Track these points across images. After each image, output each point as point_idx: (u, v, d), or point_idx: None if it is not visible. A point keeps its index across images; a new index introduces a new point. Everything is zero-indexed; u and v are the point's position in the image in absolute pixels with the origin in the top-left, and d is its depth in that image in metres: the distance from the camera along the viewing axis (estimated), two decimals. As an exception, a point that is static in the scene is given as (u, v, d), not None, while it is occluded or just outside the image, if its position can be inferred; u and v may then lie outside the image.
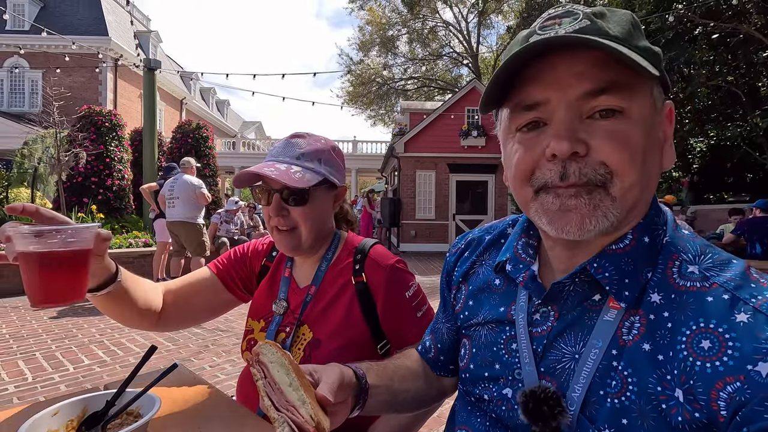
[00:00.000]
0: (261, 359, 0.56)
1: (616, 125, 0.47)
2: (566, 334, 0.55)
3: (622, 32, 0.48)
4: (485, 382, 0.62)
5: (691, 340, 0.45)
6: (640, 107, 0.48)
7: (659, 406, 0.45)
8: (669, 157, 0.53)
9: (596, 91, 0.46)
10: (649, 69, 0.44)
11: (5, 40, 18.59)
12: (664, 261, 0.52)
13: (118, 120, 10.68)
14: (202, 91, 33.03)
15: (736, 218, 7.20)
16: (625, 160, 0.47)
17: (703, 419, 0.42)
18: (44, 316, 4.52)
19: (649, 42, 0.51)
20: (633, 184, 0.48)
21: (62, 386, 2.77)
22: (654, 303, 0.49)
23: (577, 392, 0.51)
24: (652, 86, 0.50)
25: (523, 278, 0.60)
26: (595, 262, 0.52)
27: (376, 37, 24.75)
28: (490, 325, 0.65)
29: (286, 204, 0.99)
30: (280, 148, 1.03)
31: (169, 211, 5.50)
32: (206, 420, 0.77)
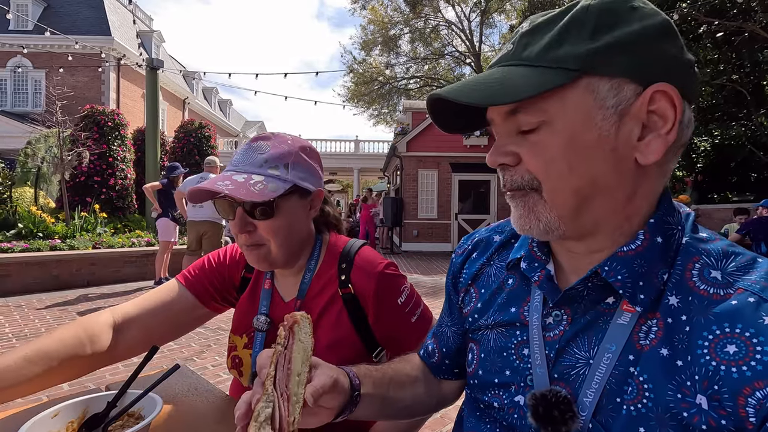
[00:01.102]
0: (294, 329, 0.53)
1: (536, 137, 0.50)
2: (579, 338, 0.53)
3: (542, 46, 0.48)
4: (495, 389, 0.61)
5: (714, 345, 0.43)
6: (562, 115, 0.48)
7: (679, 414, 0.43)
8: (651, 150, 0.49)
9: (511, 111, 0.51)
10: (525, 92, 0.46)
11: (9, 39, 18.68)
12: (683, 263, 0.50)
13: (121, 119, 10.71)
14: (204, 90, 33.10)
15: (740, 218, 7.16)
16: (542, 167, 0.50)
17: (730, 426, 0.41)
18: (47, 315, 4.53)
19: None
20: (556, 188, 0.50)
21: (65, 386, 2.77)
22: (672, 306, 0.48)
23: (589, 397, 0.50)
24: (591, 85, 0.47)
25: (539, 277, 0.59)
26: (606, 265, 0.51)
27: (379, 37, 24.74)
28: (499, 328, 0.63)
29: (251, 218, 0.88)
30: (240, 155, 0.91)
31: (196, 210, 5.49)
32: (208, 421, 0.76)
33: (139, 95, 21.99)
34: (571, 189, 0.50)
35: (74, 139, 9.30)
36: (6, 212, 7.44)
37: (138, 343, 0.94)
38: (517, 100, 0.47)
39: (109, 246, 6.78)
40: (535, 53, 0.49)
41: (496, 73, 0.50)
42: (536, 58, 0.49)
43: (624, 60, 0.47)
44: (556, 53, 0.48)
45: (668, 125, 0.48)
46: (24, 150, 12.14)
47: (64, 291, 5.77)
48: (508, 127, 0.53)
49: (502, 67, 0.51)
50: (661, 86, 0.47)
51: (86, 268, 6.25)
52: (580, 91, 0.48)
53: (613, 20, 0.47)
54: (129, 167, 10.76)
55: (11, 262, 5.55)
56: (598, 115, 0.48)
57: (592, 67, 0.47)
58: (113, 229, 8.35)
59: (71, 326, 0.87)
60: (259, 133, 0.96)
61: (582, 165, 0.49)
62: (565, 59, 0.47)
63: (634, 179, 0.50)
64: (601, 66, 0.47)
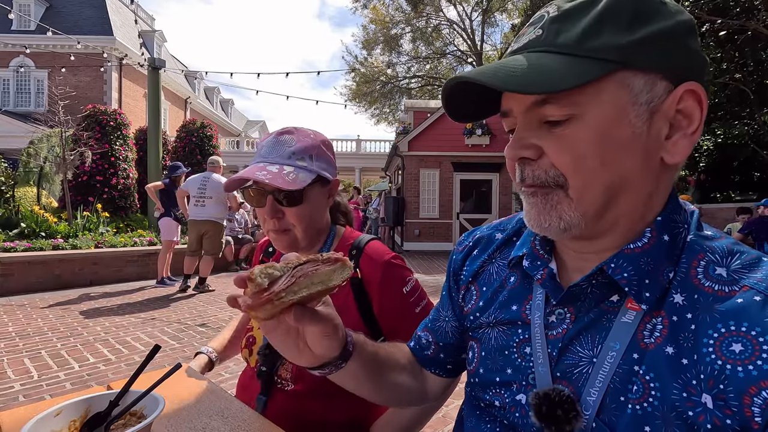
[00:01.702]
0: (336, 265, 0.53)
1: (565, 129, 0.48)
2: (582, 336, 0.53)
3: (579, 33, 0.46)
4: (496, 388, 0.60)
5: (720, 344, 0.43)
6: (595, 109, 0.47)
7: (684, 413, 0.43)
8: (678, 150, 0.49)
9: (539, 101, 0.48)
10: (564, 83, 0.44)
11: (11, 39, 18.74)
12: (688, 260, 0.49)
13: (123, 119, 10.74)
14: (206, 90, 33.14)
15: (743, 217, 7.14)
16: (571, 162, 0.48)
17: (735, 426, 0.40)
18: (50, 314, 4.55)
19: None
20: (586, 185, 0.48)
21: (67, 384, 2.78)
22: (677, 304, 0.47)
23: (593, 396, 0.49)
24: (626, 79, 0.46)
25: (542, 276, 0.58)
26: (612, 263, 0.50)
27: (380, 36, 24.72)
28: (501, 326, 0.62)
29: (280, 205, 0.96)
30: (269, 148, 0.99)
31: (198, 210, 5.50)
32: (210, 419, 0.76)
33: (141, 95, 22.02)
34: (602, 186, 0.48)
35: (76, 139, 9.33)
36: (9, 212, 7.47)
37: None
38: (558, 90, 0.45)
39: (112, 245, 6.80)
40: (572, 41, 0.46)
41: (528, 59, 0.47)
42: (573, 47, 0.46)
43: (659, 55, 0.46)
44: (595, 42, 0.46)
45: (694, 125, 0.48)
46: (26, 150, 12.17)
47: (67, 290, 5.79)
48: (530, 119, 0.50)
49: (532, 53, 0.48)
50: (691, 85, 0.47)
51: (89, 267, 6.27)
52: (616, 85, 0.46)
53: (648, 13, 0.46)
54: (131, 167, 10.78)
55: (14, 262, 5.57)
56: (632, 111, 0.47)
57: (631, 60, 0.46)
58: (115, 229, 8.37)
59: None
60: (283, 128, 1.03)
61: (614, 162, 0.47)
62: (606, 50, 0.45)
63: (657, 178, 0.50)
64: (639, 60, 0.46)
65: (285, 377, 0.96)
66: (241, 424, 0.75)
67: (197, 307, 5.01)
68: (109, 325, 4.18)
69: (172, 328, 4.13)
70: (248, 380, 1.04)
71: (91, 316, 4.49)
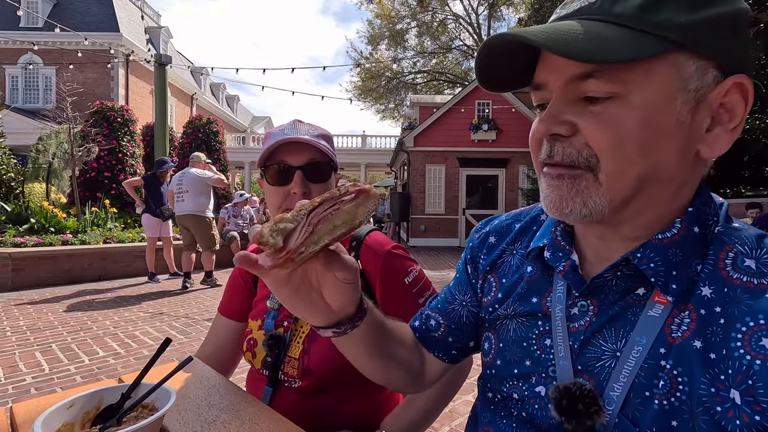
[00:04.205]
0: (360, 197, 0.47)
1: (606, 108, 0.45)
2: (606, 330, 0.51)
3: (638, 4, 0.43)
4: (514, 380, 0.59)
5: (749, 338, 0.41)
6: (642, 89, 0.44)
7: (712, 408, 0.42)
8: (718, 144, 0.47)
9: (583, 74, 0.45)
10: (621, 55, 0.41)
11: (19, 37, 18.88)
12: (716, 252, 0.48)
13: (130, 115, 10.79)
14: (212, 86, 33.24)
15: (752, 212, 7.04)
16: (608, 145, 0.45)
17: (765, 423, 0.39)
18: (60, 308, 4.60)
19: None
20: (619, 171, 0.45)
21: (78, 377, 2.82)
22: (705, 297, 0.46)
23: (616, 391, 0.48)
24: (678, 62, 0.43)
25: (564, 268, 0.56)
26: (639, 252, 0.48)
27: (386, 31, 24.61)
28: (520, 318, 0.61)
29: (308, 181, 0.97)
30: (290, 129, 1.01)
31: (179, 205, 5.54)
32: (221, 412, 0.76)
33: (147, 91, 22.13)
34: (635, 174, 0.45)
35: (84, 135, 9.40)
36: (19, 207, 7.55)
37: (229, 370, 1.16)
38: (615, 61, 0.42)
39: (120, 241, 6.86)
40: (629, 12, 0.43)
41: (582, 26, 0.43)
42: (632, 18, 0.43)
43: (716, 41, 0.43)
44: (655, 18, 0.42)
45: (736, 120, 0.46)
46: (35, 146, 12.30)
47: (76, 285, 5.86)
48: (568, 93, 0.47)
49: (585, 20, 0.45)
50: (740, 78, 0.45)
51: (97, 262, 6.33)
52: (668, 67, 0.43)
53: None
54: (138, 162, 10.85)
55: (24, 257, 5.63)
56: (680, 97, 0.44)
57: (689, 41, 0.43)
58: (123, 224, 8.44)
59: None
60: (296, 119, 1.06)
61: (652, 150, 0.45)
62: (667, 26, 0.42)
63: (690, 170, 0.48)
64: (699, 43, 0.43)
65: (291, 374, 0.96)
66: (252, 417, 0.75)
67: (204, 302, 5.04)
68: (118, 319, 4.22)
69: (180, 322, 4.16)
70: (254, 381, 1.04)
71: (100, 311, 4.53)
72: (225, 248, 7.29)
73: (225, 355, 1.13)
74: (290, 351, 0.97)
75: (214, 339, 1.14)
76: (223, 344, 1.13)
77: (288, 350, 0.98)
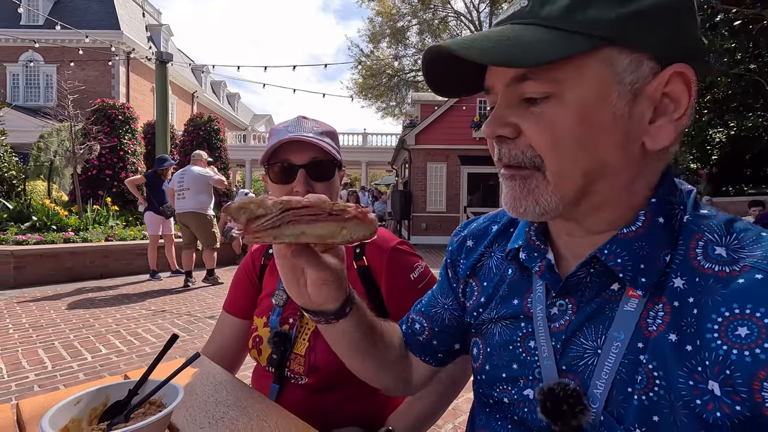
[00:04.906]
0: (351, 220, 0.48)
1: (544, 108, 0.46)
2: (586, 327, 0.51)
3: (565, 5, 0.43)
4: (504, 384, 0.59)
5: (725, 328, 0.40)
6: (576, 87, 0.44)
7: (692, 402, 0.41)
8: (661, 136, 0.45)
9: (520, 77, 0.46)
10: (545, 56, 0.41)
11: (20, 34, 18.86)
12: (686, 242, 0.47)
13: (131, 113, 10.80)
14: (213, 84, 33.21)
15: (755, 210, 7.03)
16: (548, 144, 0.46)
17: (746, 412, 0.38)
18: (62, 306, 4.61)
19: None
20: (563, 170, 0.46)
21: (81, 375, 2.82)
22: (677, 288, 0.45)
23: (599, 389, 0.48)
24: (610, 57, 0.43)
25: (540, 268, 0.56)
26: (606, 249, 0.48)
27: (386, 29, 24.55)
28: (504, 321, 0.61)
29: (311, 180, 0.97)
30: (294, 126, 1.00)
31: (179, 203, 5.54)
32: (228, 409, 0.76)
33: (148, 89, 22.12)
34: (580, 170, 0.46)
35: (86, 133, 9.40)
36: (20, 205, 7.55)
37: (234, 368, 1.16)
38: (538, 64, 0.42)
39: (121, 238, 6.87)
40: (557, 13, 0.44)
41: (510, 31, 0.45)
42: (558, 19, 0.43)
43: (649, 33, 0.43)
44: (581, 16, 0.43)
45: (681, 110, 0.45)
46: (37, 144, 12.30)
47: (79, 282, 5.86)
48: (510, 95, 0.48)
49: (516, 24, 0.46)
50: (680, 67, 0.44)
51: (99, 260, 6.34)
52: (599, 63, 0.43)
53: None
54: (139, 160, 10.86)
55: (27, 254, 5.64)
56: (614, 91, 0.44)
57: (618, 36, 0.43)
58: (125, 222, 8.45)
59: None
60: (301, 115, 1.07)
61: (592, 145, 0.45)
62: (593, 24, 0.42)
63: (639, 163, 0.47)
64: (626, 36, 0.43)
65: (298, 371, 0.96)
66: (259, 414, 0.74)
67: (206, 300, 5.05)
68: (120, 316, 4.23)
69: (182, 320, 4.16)
70: (260, 378, 1.04)
71: (102, 308, 4.54)
72: (227, 246, 7.29)
73: (231, 353, 1.12)
74: (296, 348, 0.97)
75: (220, 336, 1.14)
76: (229, 342, 1.12)
77: (294, 347, 0.97)
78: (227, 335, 1.13)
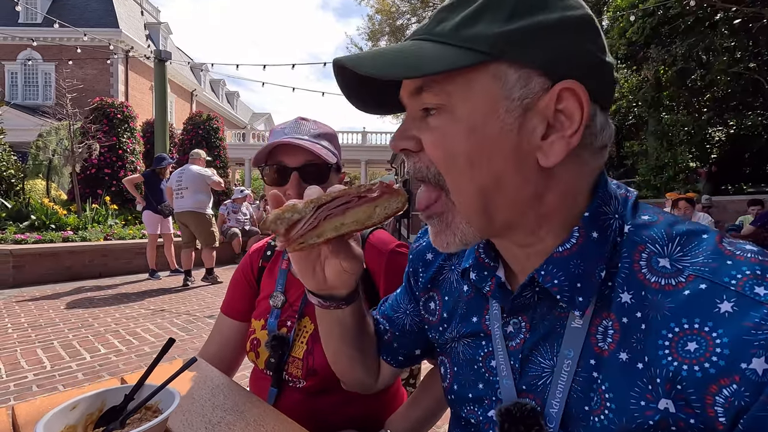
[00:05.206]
0: (383, 196, 0.50)
1: (438, 121, 0.46)
2: (541, 346, 0.51)
3: (456, 22, 0.45)
4: (470, 404, 0.59)
5: (675, 344, 0.40)
6: (465, 101, 0.44)
7: (645, 423, 0.41)
8: (553, 152, 0.45)
9: (416, 89, 0.47)
10: (429, 69, 0.42)
11: (18, 33, 18.80)
12: (630, 254, 0.46)
13: (130, 112, 10.76)
14: (212, 82, 33.15)
15: (754, 209, 7.02)
16: (442, 157, 0.46)
17: (699, 425, 0.38)
18: (61, 305, 4.60)
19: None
20: (459, 186, 0.46)
21: (79, 375, 2.81)
22: (625, 304, 0.44)
23: (555, 408, 0.47)
24: (499, 72, 0.44)
25: (490, 287, 0.55)
26: (543, 270, 0.48)
27: (386, 27, 24.51)
28: (465, 339, 0.61)
29: (304, 183, 0.96)
30: (291, 128, 1.00)
31: (178, 202, 5.53)
32: (225, 413, 0.75)
33: (147, 87, 22.07)
34: (474, 186, 0.45)
35: (84, 132, 9.37)
36: (19, 204, 7.54)
37: (232, 370, 1.16)
38: (417, 75, 0.43)
39: (121, 238, 6.85)
40: (447, 29, 0.45)
41: (406, 46, 0.47)
42: (447, 35, 0.45)
43: (537, 49, 0.43)
44: (467, 32, 0.44)
45: (574, 126, 0.44)
46: (35, 143, 12.28)
47: (77, 282, 5.85)
48: (412, 108, 0.49)
49: (415, 41, 0.47)
50: (570, 83, 0.44)
51: (98, 259, 6.33)
52: (488, 78, 0.44)
53: (533, 5, 0.44)
54: (138, 159, 10.83)
55: (25, 254, 5.63)
56: (503, 106, 0.44)
57: (503, 51, 0.43)
58: (124, 221, 8.44)
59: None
60: (300, 116, 1.06)
61: (483, 159, 0.45)
62: (476, 39, 0.43)
63: (541, 179, 0.46)
64: (513, 52, 0.43)
65: (296, 375, 0.95)
66: (257, 419, 0.74)
67: (206, 299, 5.04)
68: (119, 316, 4.22)
69: (182, 319, 4.16)
70: (258, 380, 1.03)
71: (101, 308, 4.53)
72: (226, 245, 7.28)
73: (229, 355, 1.12)
74: (294, 351, 0.97)
75: (218, 339, 1.13)
76: (227, 344, 1.12)
77: (292, 350, 0.97)
78: (226, 337, 1.12)
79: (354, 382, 0.77)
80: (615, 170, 13.77)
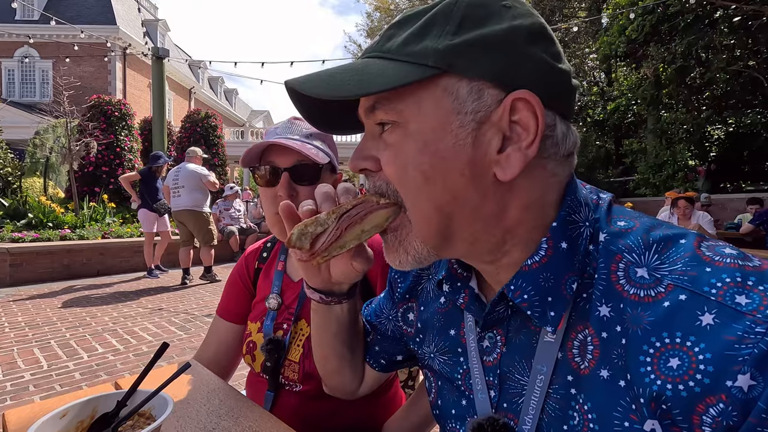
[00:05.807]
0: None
1: (391, 138, 0.46)
2: (517, 362, 0.49)
3: (404, 38, 0.44)
4: (453, 421, 0.58)
5: (657, 360, 0.38)
6: (417, 117, 0.44)
7: None
8: (509, 165, 0.43)
9: (369, 107, 0.47)
10: (374, 86, 0.42)
11: (15, 30, 18.69)
12: (606, 264, 0.43)
13: (128, 109, 10.72)
14: (210, 80, 33.05)
15: (752, 207, 7.03)
16: (396, 175, 0.45)
17: None
18: (58, 304, 4.58)
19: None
20: (415, 204, 0.45)
21: (77, 374, 2.80)
22: (604, 317, 0.42)
23: (528, 424, 0.46)
24: (449, 86, 0.43)
25: (464, 300, 0.54)
26: (512, 284, 0.46)
27: (385, 24, 24.46)
28: (443, 356, 0.60)
29: (295, 183, 0.93)
30: (284, 128, 0.99)
31: (175, 201, 5.51)
32: (220, 419, 0.74)
33: (145, 85, 21.98)
34: (431, 204, 0.44)
35: (82, 129, 9.34)
36: (16, 202, 7.50)
37: (228, 373, 1.14)
38: (365, 93, 0.42)
39: (118, 236, 6.83)
40: (396, 46, 0.45)
41: (357, 64, 0.46)
42: (395, 51, 0.44)
43: (487, 61, 0.42)
44: (414, 47, 0.43)
45: (530, 138, 0.43)
46: (32, 140, 12.23)
47: (75, 280, 5.83)
48: (369, 127, 0.49)
49: (366, 59, 0.47)
50: (523, 93, 0.42)
51: (96, 257, 6.30)
52: (438, 92, 0.43)
53: (480, 17, 0.43)
54: (136, 157, 10.79)
55: (23, 252, 5.60)
56: (456, 120, 0.43)
57: (451, 65, 0.42)
58: (121, 219, 8.40)
59: None
60: (296, 116, 1.04)
61: (438, 176, 0.43)
62: (423, 54, 0.42)
63: (500, 194, 0.44)
64: (462, 65, 0.42)
65: (292, 378, 0.94)
66: (252, 424, 0.73)
67: (204, 298, 5.03)
68: (117, 315, 4.20)
69: (180, 318, 4.14)
70: (254, 383, 1.02)
71: (98, 307, 4.51)
72: (224, 243, 7.26)
73: (225, 358, 1.11)
74: (290, 354, 0.95)
75: (214, 342, 1.12)
76: (223, 347, 1.11)
77: (288, 353, 0.95)
78: (222, 340, 1.11)
79: (339, 385, 0.77)
80: (614, 168, 13.76)
